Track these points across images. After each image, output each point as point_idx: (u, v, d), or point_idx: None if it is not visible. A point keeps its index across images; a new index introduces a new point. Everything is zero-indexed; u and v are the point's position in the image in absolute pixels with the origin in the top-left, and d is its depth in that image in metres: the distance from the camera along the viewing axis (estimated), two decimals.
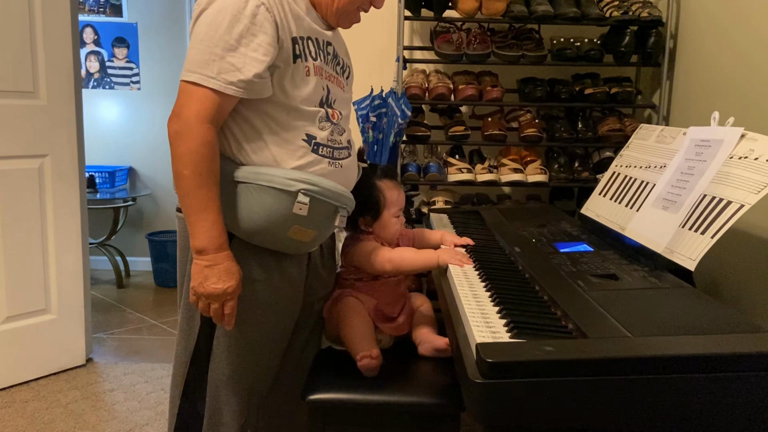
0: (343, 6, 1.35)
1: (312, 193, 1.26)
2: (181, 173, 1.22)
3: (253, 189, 1.27)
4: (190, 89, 1.22)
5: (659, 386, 0.83)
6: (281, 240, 1.31)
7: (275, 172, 1.26)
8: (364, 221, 1.52)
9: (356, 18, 1.41)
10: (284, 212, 1.26)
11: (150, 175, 4.30)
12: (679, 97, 2.29)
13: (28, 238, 2.52)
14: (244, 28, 1.21)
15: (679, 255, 1.21)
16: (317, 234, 1.33)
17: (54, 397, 2.46)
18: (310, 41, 1.32)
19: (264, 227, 1.28)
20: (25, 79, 2.45)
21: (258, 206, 1.26)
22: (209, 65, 1.21)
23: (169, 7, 4.17)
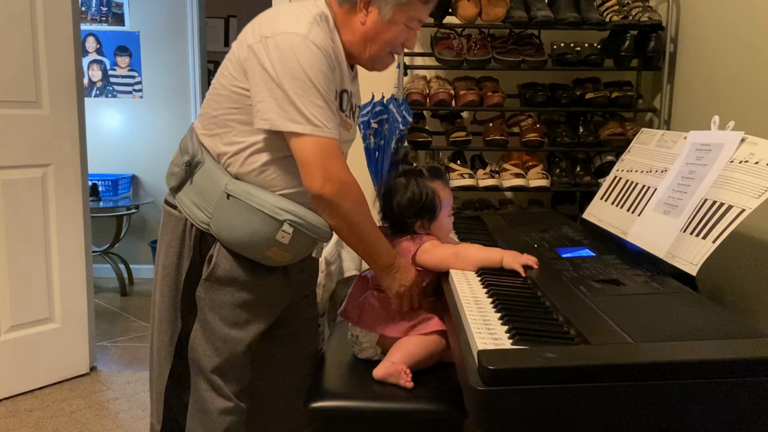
0: (376, 52, 1.39)
1: (296, 224, 1.33)
2: (353, 221, 1.34)
3: (243, 207, 1.33)
4: (316, 145, 1.28)
5: (662, 392, 0.83)
6: (260, 255, 1.37)
7: (267, 198, 1.33)
8: (421, 224, 1.50)
9: (390, 60, 1.45)
10: (267, 236, 1.33)
11: (153, 183, 4.32)
12: (680, 101, 2.29)
13: (31, 247, 2.53)
14: (325, 78, 1.29)
15: (680, 260, 1.21)
16: (293, 257, 1.40)
17: (58, 406, 2.46)
18: (345, 94, 1.40)
19: (246, 242, 1.34)
20: (27, 89, 2.47)
21: (245, 223, 1.33)
22: (316, 116, 1.27)
23: (170, 16, 4.19)
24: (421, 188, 1.49)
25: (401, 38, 1.39)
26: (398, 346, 1.44)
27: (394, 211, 1.51)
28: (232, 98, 1.35)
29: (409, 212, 1.49)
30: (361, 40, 1.37)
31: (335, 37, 1.36)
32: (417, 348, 1.43)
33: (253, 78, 1.30)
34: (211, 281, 1.39)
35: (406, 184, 1.50)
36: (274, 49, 1.27)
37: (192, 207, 1.39)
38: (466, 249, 1.45)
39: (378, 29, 1.36)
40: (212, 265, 1.38)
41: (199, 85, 4.25)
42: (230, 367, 1.42)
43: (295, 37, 1.27)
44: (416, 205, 1.48)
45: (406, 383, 1.37)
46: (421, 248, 1.47)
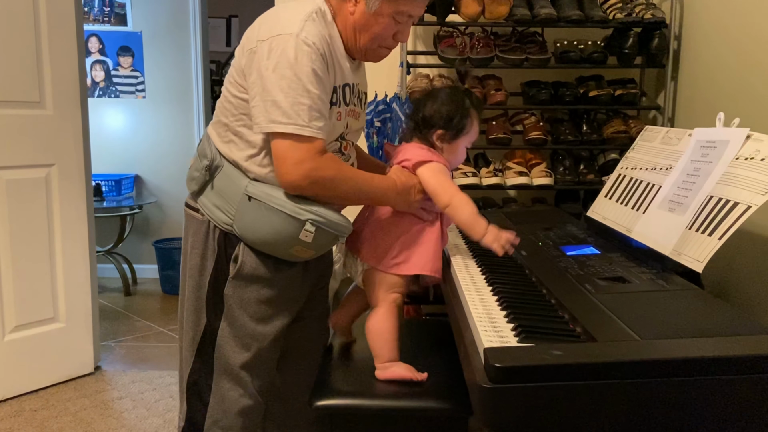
0: (365, 45, 1.39)
1: (318, 223, 1.34)
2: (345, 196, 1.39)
3: (265, 208, 1.35)
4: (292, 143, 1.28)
5: (668, 389, 0.83)
6: (284, 253, 1.40)
7: (286, 199, 1.34)
8: (441, 135, 1.45)
9: (383, 54, 1.45)
10: (291, 235, 1.35)
11: (156, 183, 4.32)
12: (684, 98, 2.29)
13: (35, 247, 2.53)
14: (316, 77, 1.29)
15: (686, 257, 1.21)
16: (315, 253, 1.42)
17: (63, 405, 2.47)
18: (347, 88, 1.41)
19: (270, 242, 1.38)
20: (31, 89, 2.48)
21: (267, 224, 1.35)
22: (300, 115, 1.28)
23: (173, 16, 4.20)
24: (463, 103, 1.47)
25: (389, 32, 1.38)
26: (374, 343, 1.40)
27: (424, 112, 1.46)
28: (240, 106, 1.38)
29: (439, 117, 1.44)
30: (352, 30, 1.38)
31: (333, 31, 1.37)
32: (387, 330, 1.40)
33: (251, 82, 1.32)
34: (238, 279, 1.43)
35: (451, 94, 1.47)
36: (268, 53, 1.29)
37: (214, 209, 1.42)
38: (463, 202, 1.40)
39: (365, 20, 1.36)
40: (239, 264, 1.42)
41: (202, 85, 4.26)
42: (257, 362, 1.46)
43: (287, 38, 1.28)
44: (450, 113, 1.44)
45: (418, 377, 1.37)
46: (431, 164, 1.43)
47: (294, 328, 1.56)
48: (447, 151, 1.47)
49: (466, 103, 1.47)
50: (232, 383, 1.45)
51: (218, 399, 1.46)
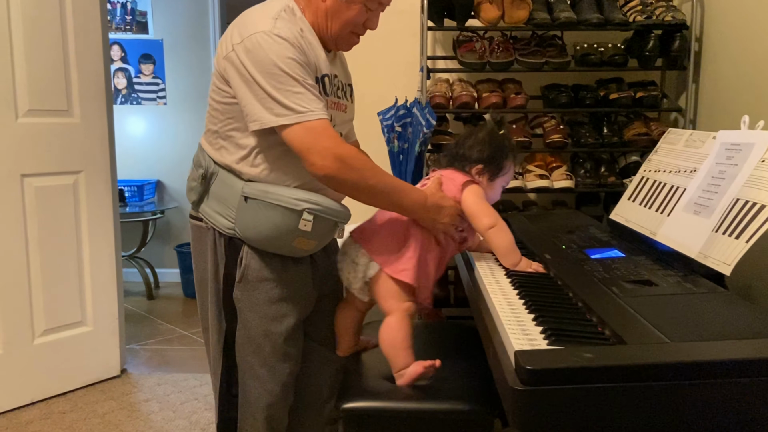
0: (336, 32, 1.42)
1: (315, 211, 1.37)
2: (369, 187, 1.36)
3: (262, 205, 1.37)
4: (305, 130, 1.31)
5: (700, 392, 0.84)
6: (287, 248, 1.42)
7: (282, 192, 1.37)
8: (480, 170, 1.51)
9: (354, 41, 1.48)
10: (290, 227, 1.37)
11: (177, 188, 4.38)
12: (706, 100, 2.28)
13: (64, 252, 2.59)
14: (299, 68, 1.32)
15: (713, 260, 1.21)
16: (318, 243, 1.44)
17: (91, 408, 2.51)
18: (326, 78, 1.42)
19: (271, 238, 1.39)
20: (59, 98, 2.53)
21: (266, 221, 1.37)
22: (305, 102, 1.31)
23: (193, 24, 4.26)
24: (503, 145, 1.52)
25: (360, 18, 1.41)
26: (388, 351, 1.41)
27: (466, 148, 1.52)
28: (226, 110, 1.41)
29: (481, 153, 1.50)
30: (323, 18, 1.40)
31: (304, 25, 1.40)
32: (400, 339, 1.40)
33: (235, 86, 1.35)
34: (244, 282, 1.45)
35: (495, 132, 1.52)
36: (244, 53, 1.32)
37: (215, 216, 1.45)
38: (505, 228, 1.44)
39: (337, 7, 1.39)
40: (243, 267, 1.44)
41: None
42: (275, 360, 1.48)
43: (260, 35, 1.31)
44: (493, 152, 1.50)
45: (429, 365, 1.38)
46: (476, 187, 1.47)
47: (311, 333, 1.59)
48: (485, 185, 1.52)
49: (506, 146, 1.53)
50: (254, 381, 1.49)
51: (244, 396, 1.51)
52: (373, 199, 1.40)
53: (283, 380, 1.50)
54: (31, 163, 2.46)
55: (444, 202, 1.45)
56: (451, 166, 1.55)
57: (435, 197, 1.44)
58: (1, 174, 2.39)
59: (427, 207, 1.42)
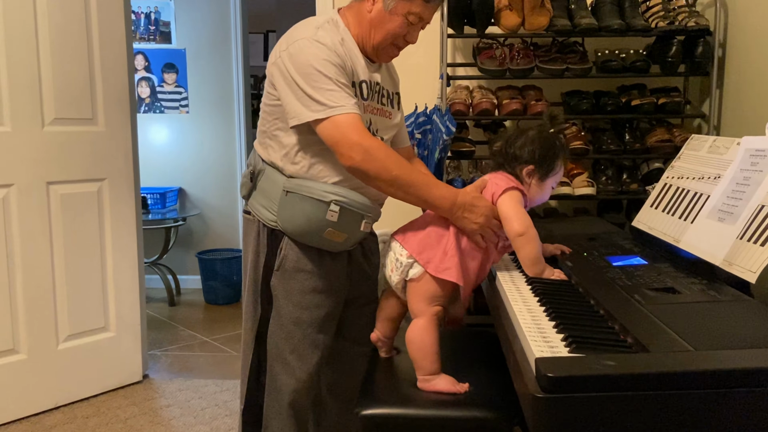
0: (378, 43, 1.53)
1: (342, 203, 1.48)
2: (392, 177, 1.42)
3: (298, 198, 1.51)
4: (335, 124, 1.42)
5: (723, 400, 0.82)
6: (320, 239, 1.52)
7: (314, 185, 1.50)
8: (531, 171, 1.49)
9: (394, 53, 1.59)
10: (320, 218, 1.48)
11: (199, 196, 4.43)
12: (730, 106, 2.25)
13: (88, 258, 2.63)
14: (335, 69, 1.44)
15: (738, 267, 1.19)
16: (348, 236, 1.53)
17: (113, 413, 2.54)
18: (363, 84, 1.54)
19: (305, 229, 1.51)
20: (84, 107, 2.58)
21: (300, 212, 1.50)
22: (335, 99, 1.42)
23: (215, 34, 4.31)
24: (555, 144, 1.50)
25: (401, 31, 1.51)
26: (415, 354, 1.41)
27: (516, 148, 1.49)
28: (273, 112, 1.55)
29: (532, 153, 1.47)
30: (368, 28, 1.52)
31: (346, 36, 1.53)
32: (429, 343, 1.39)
33: (279, 88, 1.49)
34: (281, 271, 1.57)
35: (544, 134, 1.50)
36: (288, 58, 1.46)
37: (261, 209, 1.59)
38: (535, 237, 1.42)
39: (381, 18, 1.50)
40: (281, 257, 1.56)
41: (243, 99, 4.36)
42: (304, 348, 1.58)
43: (302, 41, 1.46)
44: (544, 151, 1.48)
45: (460, 389, 1.38)
46: (515, 192, 1.45)
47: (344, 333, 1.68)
48: (535, 186, 1.50)
49: (557, 145, 1.52)
50: (282, 367, 1.58)
51: (271, 383, 1.60)
52: (399, 190, 1.44)
53: (309, 369, 1.59)
54: (56, 171, 2.51)
55: (478, 201, 1.44)
56: (500, 168, 1.53)
57: (468, 196, 1.44)
58: (28, 181, 2.44)
59: (456, 204, 1.42)
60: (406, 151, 1.80)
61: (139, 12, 4.28)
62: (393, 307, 1.55)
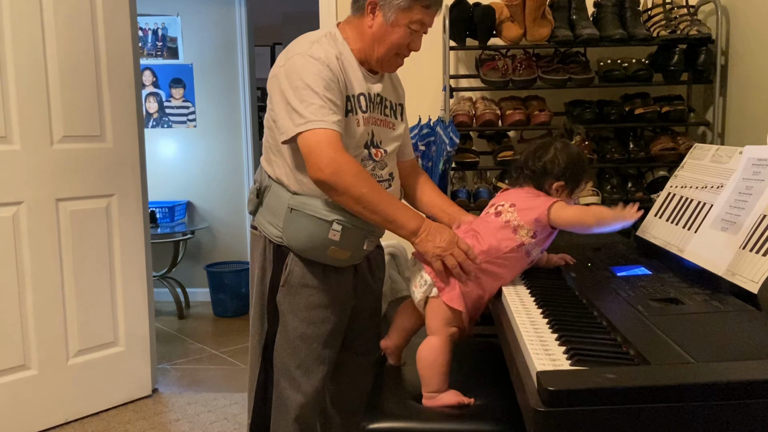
0: (382, 56, 1.54)
1: (343, 223, 1.49)
2: (358, 195, 1.42)
3: (302, 215, 1.51)
4: (314, 135, 1.42)
5: (725, 413, 0.82)
6: (324, 256, 1.53)
7: (317, 204, 1.50)
8: (560, 187, 1.48)
9: (399, 62, 1.59)
10: (322, 236, 1.49)
11: (207, 209, 4.46)
12: (734, 114, 2.25)
13: (97, 274, 2.65)
14: (324, 83, 1.45)
15: (740, 277, 1.19)
16: (352, 254, 1.54)
17: (123, 427, 2.55)
18: (362, 97, 1.55)
19: (308, 246, 1.52)
20: (92, 124, 2.61)
21: (304, 229, 1.51)
22: (315, 113, 1.43)
23: (221, 48, 4.36)
24: (583, 160, 1.49)
25: (404, 41, 1.52)
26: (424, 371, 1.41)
27: (545, 162, 1.47)
28: (275, 127, 1.55)
29: (559, 170, 1.46)
30: (370, 42, 1.53)
31: (344, 49, 1.54)
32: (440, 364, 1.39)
33: (274, 103, 1.51)
34: (287, 287, 1.58)
35: (571, 149, 1.49)
36: (284, 74, 1.48)
37: (267, 225, 1.60)
38: (601, 211, 1.41)
39: (383, 32, 1.50)
40: (287, 272, 1.57)
41: (249, 112, 4.39)
42: (310, 363, 1.59)
43: (298, 56, 1.48)
44: (572, 166, 1.46)
45: (465, 401, 1.38)
46: (557, 205, 1.42)
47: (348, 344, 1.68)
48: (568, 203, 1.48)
49: (585, 162, 1.52)
50: (288, 383, 1.59)
51: (277, 397, 1.61)
52: (364, 209, 1.43)
53: (315, 384, 1.60)
54: (65, 188, 2.54)
55: (443, 229, 1.45)
56: (525, 182, 1.51)
57: (433, 225, 1.46)
58: (38, 199, 2.47)
59: (422, 227, 1.45)
60: (410, 163, 1.80)
61: (146, 28, 4.33)
62: (410, 319, 1.55)
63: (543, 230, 1.44)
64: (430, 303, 1.44)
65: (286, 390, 1.60)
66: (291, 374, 1.59)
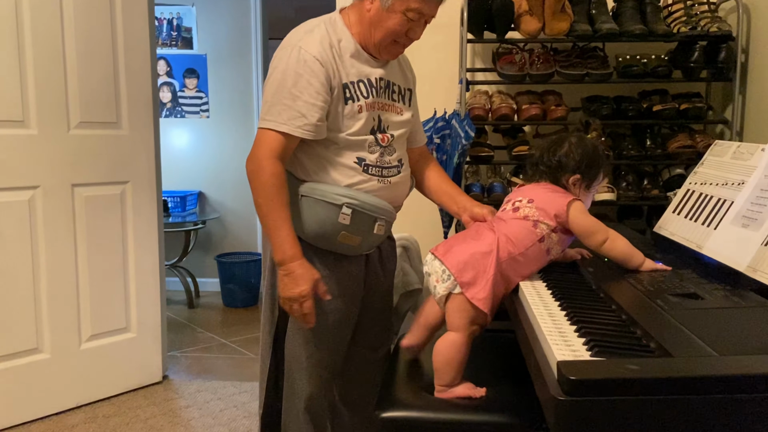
0: (379, 41, 1.51)
1: (353, 206, 1.49)
2: (257, 202, 1.49)
3: (312, 202, 1.51)
4: (263, 134, 1.48)
5: (749, 406, 0.82)
6: (335, 243, 1.53)
7: (327, 189, 1.51)
8: (577, 180, 1.45)
9: (397, 50, 1.57)
10: (332, 221, 1.50)
11: (218, 199, 4.47)
12: (753, 112, 2.23)
13: (110, 260, 2.66)
14: (305, 81, 1.45)
15: (762, 273, 1.18)
16: (363, 240, 1.54)
17: (134, 412, 2.57)
18: (361, 83, 1.53)
19: (319, 233, 1.52)
20: (109, 111, 2.62)
21: (314, 216, 1.51)
22: (280, 114, 1.45)
23: (236, 39, 4.36)
24: (599, 153, 1.47)
25: (400, 28, 1.49)
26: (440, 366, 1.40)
27: (561, 156, 1.45)
28: None
29: (575, 163, 1.44)
30: (368, 27, 1.51)
31: (344, 35, 1.52)
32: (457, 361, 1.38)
33: None
34: None
35: (587, 142, 1.48)
36: (273, 63, 1.50)
37: None
38: (618, 236, 1.39)
39: (380, 17, 1.48)
40: None
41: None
42: (321, 353, 1.59)
43: (289, 49, 1.48)
44: (587, 158, 1.45)
45: (477, 393, 1.38)
46: (579, 203, 1.40)
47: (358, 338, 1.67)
48: (581, 196, 1.46)
49: (602, 155, 1.49)
50: (299, 373, 1.59)
51: (289, 387, 1.61)
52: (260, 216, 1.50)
53: (325, 374, 1.60)
54: (81, 174, 2.55)
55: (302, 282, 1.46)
56: (541, 178, 1.49)
57: (299, 271, 1.46)
58: (54, 184, 2.48)
59: (282, 265, 1.47)
60: (420, 150, 1.77)
61: (161, 18, 4.34)
62: (435, 315, 1.51)
63: (563, 226, 1.43)
64: (453, 299, 1.39)
65: (297, 380, 1.60)
66: (302, 364, 1.59)
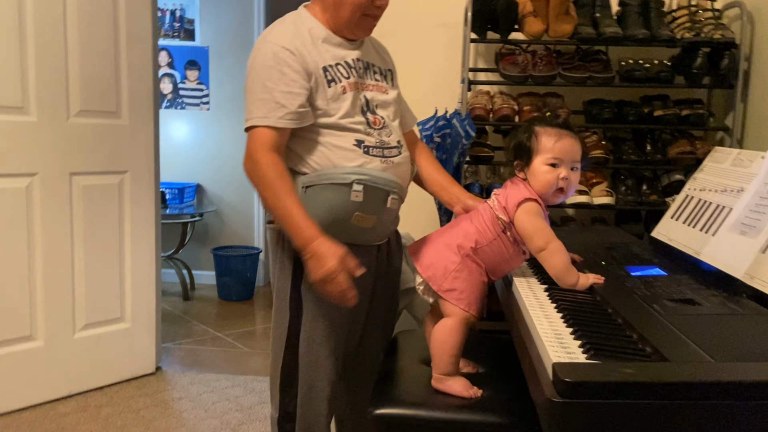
0: (348, 19, 1.49)
1: (364, 181, 1.45)
2: (262, 196, 1.46)
3: (318, 189, 1.46)
4: (251, 134, 1.47)
5: (744, 413, 0.82)
6: (348, 228, 1.47)
7: (333, 171, 1.47)
8: (518, 165, 1.44)
9: (370, 23, 1.54)
10: (344, 202, 1.45)
11: (216, 192, 4.46)
12: (754, 120, 2.23)
13: (107, 249, 2.66)
14: (277, 72, 1.44)
15: (760, 281, 1.18)
16: (377, 220, 1.50)
17: (126, 403, 2.56)
18: (339, 66, 1.52)
19: (331, 219, 1.46)
20: (109, 100, 2.61)
21: (324, 203, 1.46)
22: (259, 109, 1.45)
23: (238, 33, 4.35)
24: (528, 127, 1.45)
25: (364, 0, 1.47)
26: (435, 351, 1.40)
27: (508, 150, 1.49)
28: None
29: (510, 150, 1.46)
30: (332, 10, 1.49)
31: (312, 24, 1.52)
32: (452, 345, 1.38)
33: None
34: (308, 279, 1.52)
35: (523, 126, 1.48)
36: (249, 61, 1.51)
37: None
38: (558, 249, 1.35)
39: None
40: None
41: None
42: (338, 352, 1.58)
43: (260, 45, 1.49)
44: (515, 138, 1.45)
45: (473, 394, 1.38)
46: (527, 204, 1.38)
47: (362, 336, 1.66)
48: (530, 177, 1.41)
49: (527, 128, 1.45)
50: (318, 373, 1.57)
51: (306, 389, 1.58)
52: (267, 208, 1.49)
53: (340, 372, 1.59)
54: (79, 162, 2.54)
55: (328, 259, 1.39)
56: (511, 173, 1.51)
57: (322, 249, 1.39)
58: (52, 172, 2.47)
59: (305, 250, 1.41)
60: (410, 135, 1.74)
61: (164, 9, 4.33)
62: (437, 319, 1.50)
63: None
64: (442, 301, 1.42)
65: (316, 381, 1.57)
66: (322, 364, 1.56)
